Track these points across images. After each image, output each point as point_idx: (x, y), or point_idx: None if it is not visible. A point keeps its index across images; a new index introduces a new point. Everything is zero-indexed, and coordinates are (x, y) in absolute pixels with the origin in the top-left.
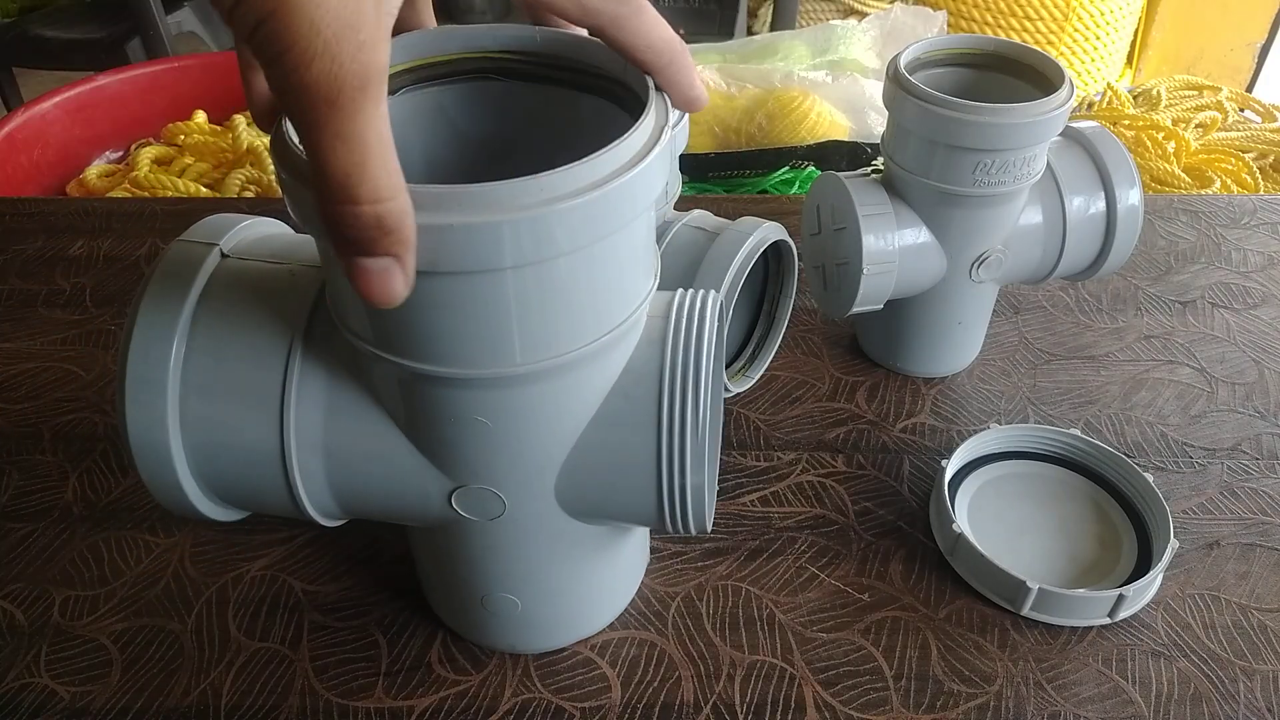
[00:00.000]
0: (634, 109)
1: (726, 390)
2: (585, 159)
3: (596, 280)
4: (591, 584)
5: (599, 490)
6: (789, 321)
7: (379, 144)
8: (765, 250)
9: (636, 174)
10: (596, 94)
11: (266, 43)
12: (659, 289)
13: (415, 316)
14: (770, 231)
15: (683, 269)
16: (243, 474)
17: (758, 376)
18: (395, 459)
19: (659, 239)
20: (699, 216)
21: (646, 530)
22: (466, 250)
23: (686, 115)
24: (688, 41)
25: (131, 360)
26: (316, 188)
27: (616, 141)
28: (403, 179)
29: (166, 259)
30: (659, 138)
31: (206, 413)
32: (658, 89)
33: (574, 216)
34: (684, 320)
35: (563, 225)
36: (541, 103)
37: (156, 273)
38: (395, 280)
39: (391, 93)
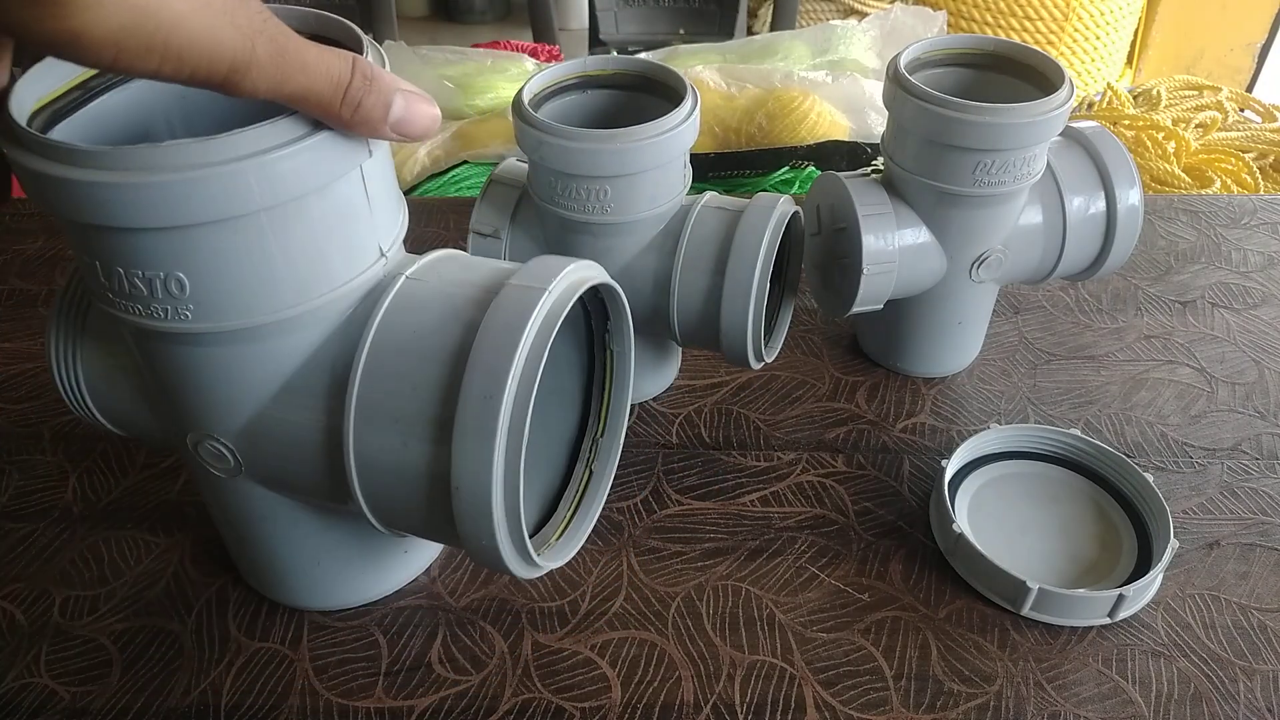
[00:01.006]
0: None
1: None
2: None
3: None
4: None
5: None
6: (789, 322)
7: (309, 49)
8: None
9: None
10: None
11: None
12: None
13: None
14: (787, 205)
15: (714, 250)
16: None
17: (780, 343)
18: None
19: (679, 223)
20: (712, 198)
21: None
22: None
23: (698, 110)
24: (688, 41)
25: None
26: (323, 113)
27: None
28: (336, 49)
29: None
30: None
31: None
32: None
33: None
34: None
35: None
36: None
37: None
38: (419, 108)
39: None
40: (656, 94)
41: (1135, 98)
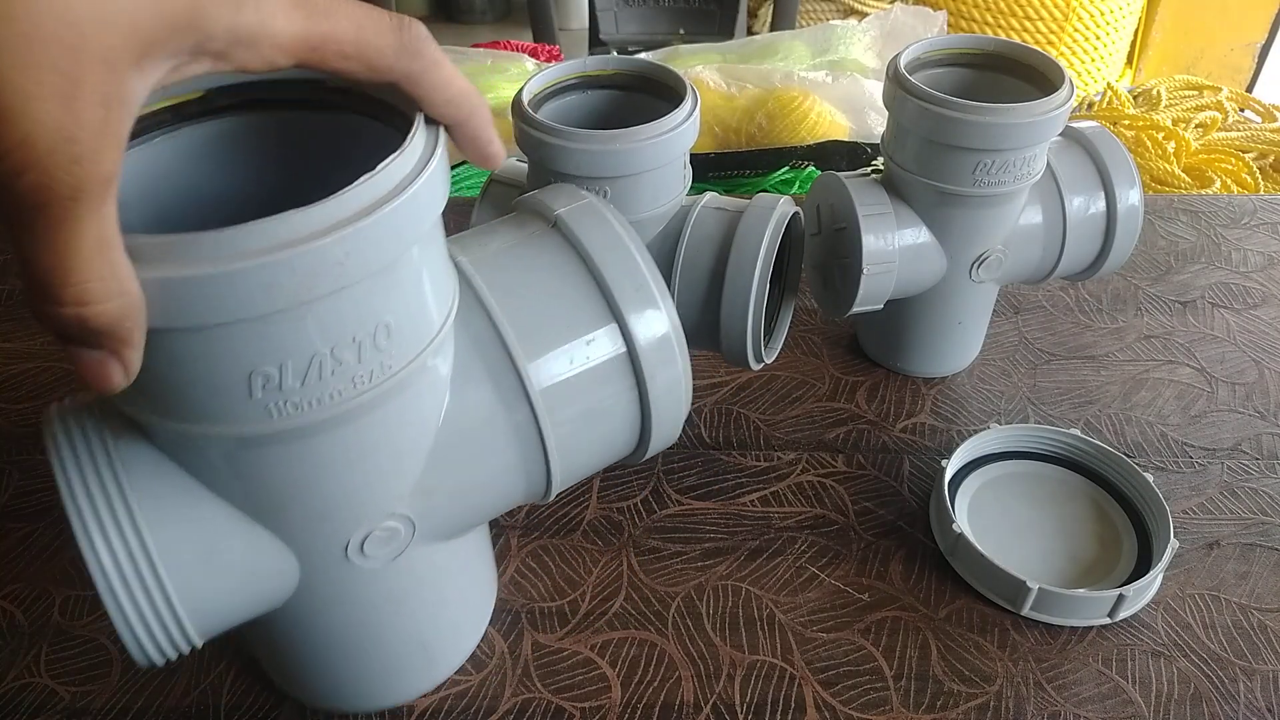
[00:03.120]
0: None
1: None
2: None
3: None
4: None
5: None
6: (789, 322)
7: (93, 250)
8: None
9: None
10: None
11: None
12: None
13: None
14: (788, 205)
15: (713, 250)
16: None
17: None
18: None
19: (679, 223)
20: (712, 198)
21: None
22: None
23: (698, 111)
24: (688, 41)
25: None
26: (24, 283)
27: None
28: (127, 279)
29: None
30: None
31: None
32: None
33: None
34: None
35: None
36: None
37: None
38: (110, 371)
39: (164, 127)
40: (656, 94)
41: (1135, 98)
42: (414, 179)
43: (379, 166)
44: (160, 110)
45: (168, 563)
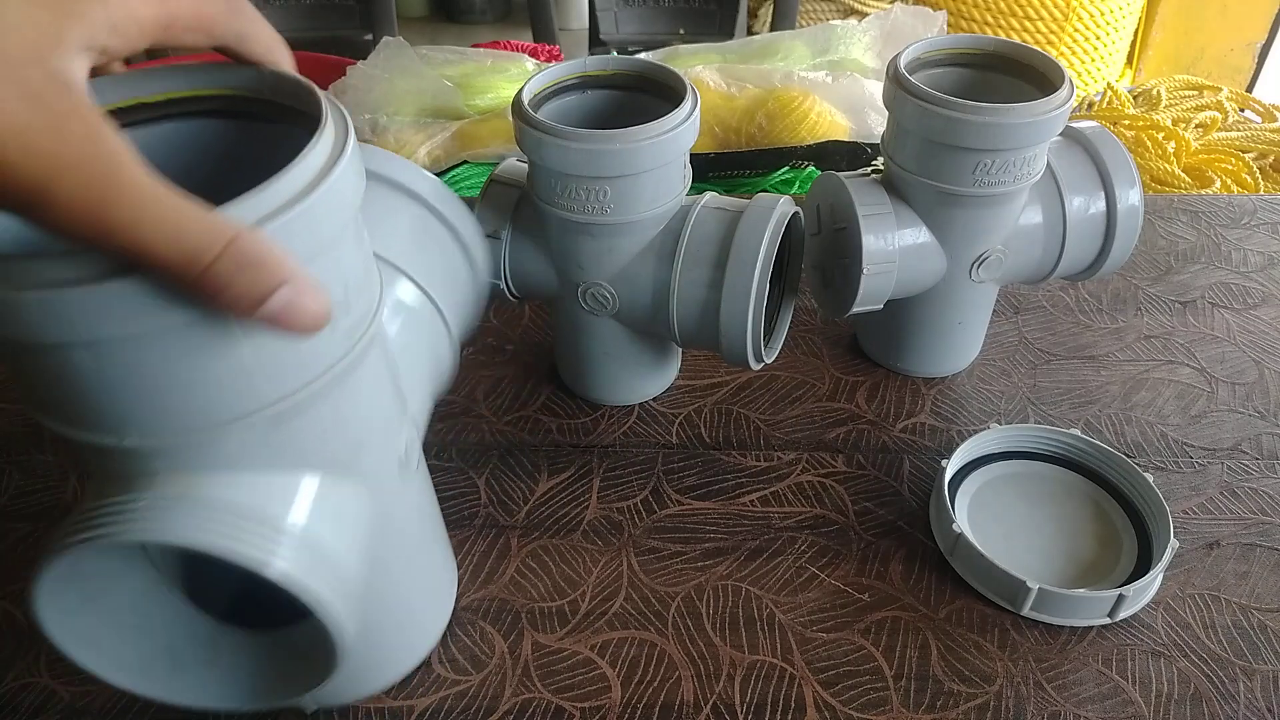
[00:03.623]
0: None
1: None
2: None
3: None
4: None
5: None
6: (789, 322)
7: (163, 200)
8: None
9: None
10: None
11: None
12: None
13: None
14: (788, 205)
15: (713, 250)
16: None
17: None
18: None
19: (679, 223)
20: (712, 198)
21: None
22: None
23: (698, 111)
24: (688, 41)
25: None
26: (168, 280)
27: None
28: (209, 218)
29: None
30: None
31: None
32: (335, 114)
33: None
34: None
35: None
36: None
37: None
38: (302, 302)
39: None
40: (656, 94)
41: (1135, 98)
42: (327, 174)
43: (287, 167)
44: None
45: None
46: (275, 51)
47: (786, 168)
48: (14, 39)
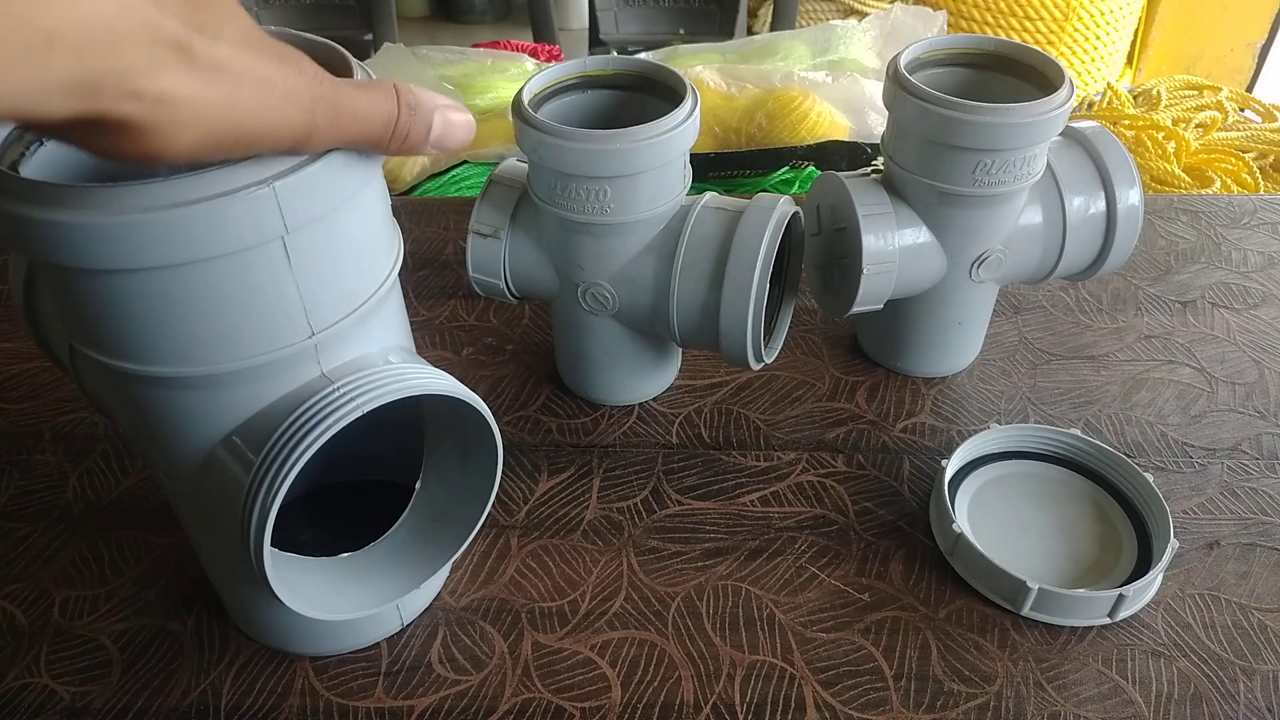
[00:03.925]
0: None
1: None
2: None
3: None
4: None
5: None
6: (789, 322)
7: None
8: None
9: (338, 156)
10: None
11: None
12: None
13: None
14: (788, 205)
15: (713, 250)
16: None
17: (780, 344)
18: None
19: (679, 223)
20: (712, 198)
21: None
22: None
23: (698, 111)
24: (688, 41)
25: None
26: (384, 151)
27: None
28: (379, 83)
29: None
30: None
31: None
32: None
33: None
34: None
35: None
36: None
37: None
38: (455, 118)
39: None
40: (656, 94)
41: (1135, 97)
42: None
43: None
44: None
45: None
46: (368, 125)
47: (786, 168)
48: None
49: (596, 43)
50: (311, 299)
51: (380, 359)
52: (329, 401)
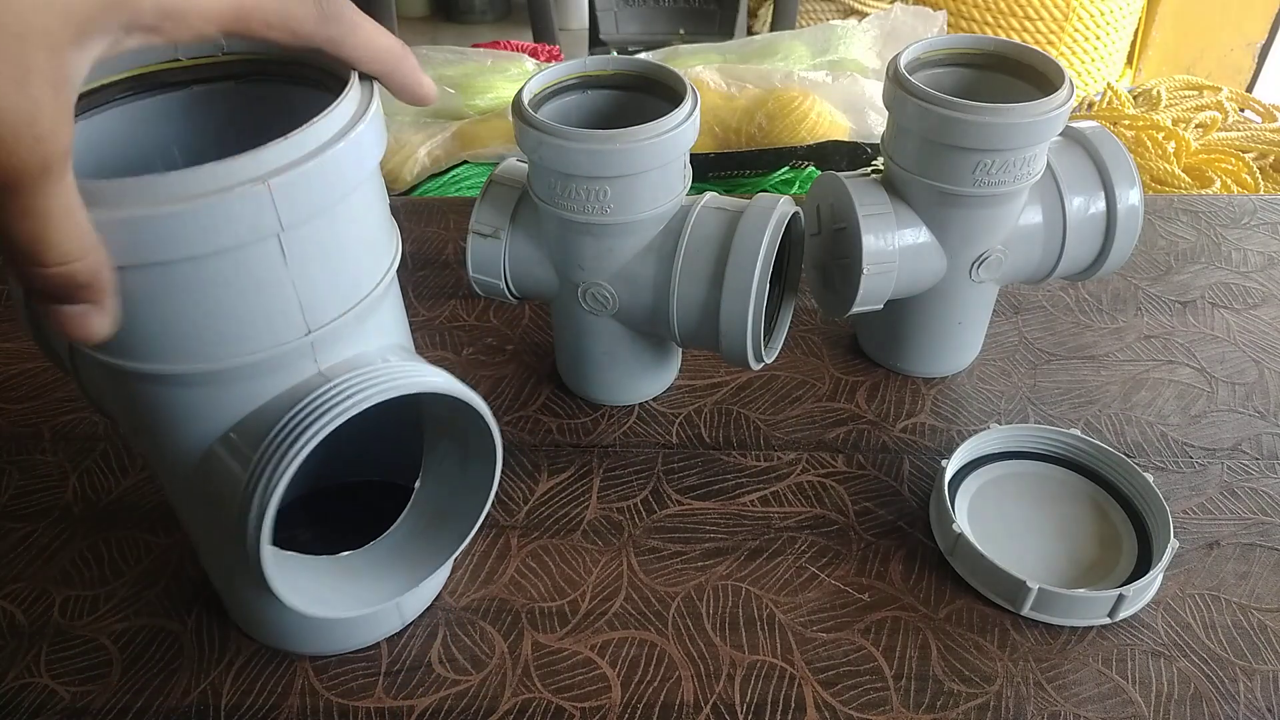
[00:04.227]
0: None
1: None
2: (254, 149)
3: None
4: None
5: None
6: (789, 322)
7: (63, 214)
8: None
9: (334, 153)
10: (308, 85)
11: None
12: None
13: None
14: (788, 205)
15: (713, 250)
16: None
17: (780, 344)
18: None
19: (679, 223)
20: (712, 198)
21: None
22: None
23: (698, 111)
24: (688, 41)
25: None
26: (7, 255)
27: (302, 128)
28: (92, 235)
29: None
30: (359, 120)
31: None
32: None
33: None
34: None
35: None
36: (252, 100)
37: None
38: (95, 321)
39: (111, 101)
40: (656, 94)
41: (1135, 97)
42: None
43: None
44: (128, 79)
45: None
46: (382, 61)
47: (786, 168)
48: (39, 24)
49: (596, 43)
50: (308, 296)
51: (378, 357)
52: (326, 399)
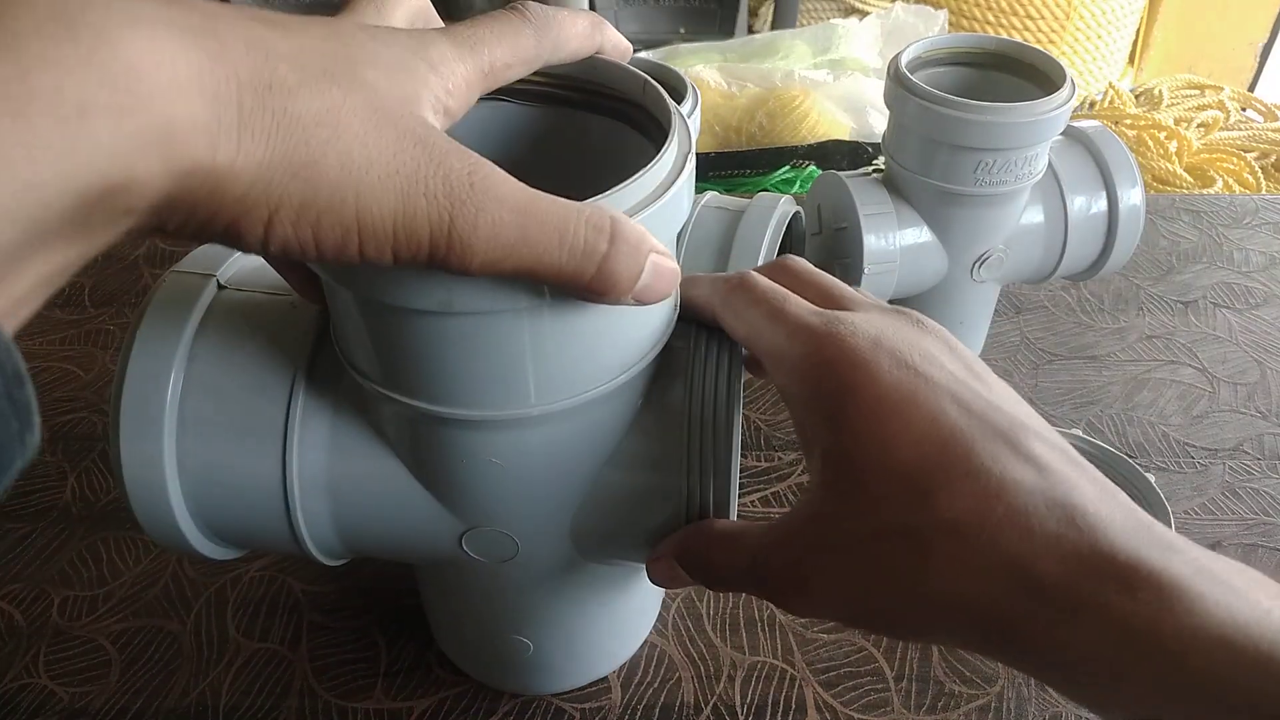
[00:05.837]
0: (649, 131)
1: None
2: (608, 191)
3: (616, 318)
4: (605, 625)
5: (619, 530)
6: None
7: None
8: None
9: (662, 205)
10: (608, 115)
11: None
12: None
13: (427, 355)
14: (788, 205)
15: (714, 250)
16: (243, 514)
17: None
18: (403, 500)
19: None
20: (713, 198)
21: None
22: (480, 291)
23: (698, 110)
24: (688, 41)
25: (126, 397)
26: (591, 293)
27: (642, 171)
28: (595, 210)
29: (162, 290)
30: (684, 165)
31: (205, 452)
32: (678, 112)
33: None
34: (705, 349)
35: None
36: (551, 126)
37: (151, 305)
38: (667, 265)
39: None
40: None
41: (1137, 97)
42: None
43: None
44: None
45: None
46: (590, 40)
47: (787, 167)
48: (389, 93)
49: None
50: (543, 372)
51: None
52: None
